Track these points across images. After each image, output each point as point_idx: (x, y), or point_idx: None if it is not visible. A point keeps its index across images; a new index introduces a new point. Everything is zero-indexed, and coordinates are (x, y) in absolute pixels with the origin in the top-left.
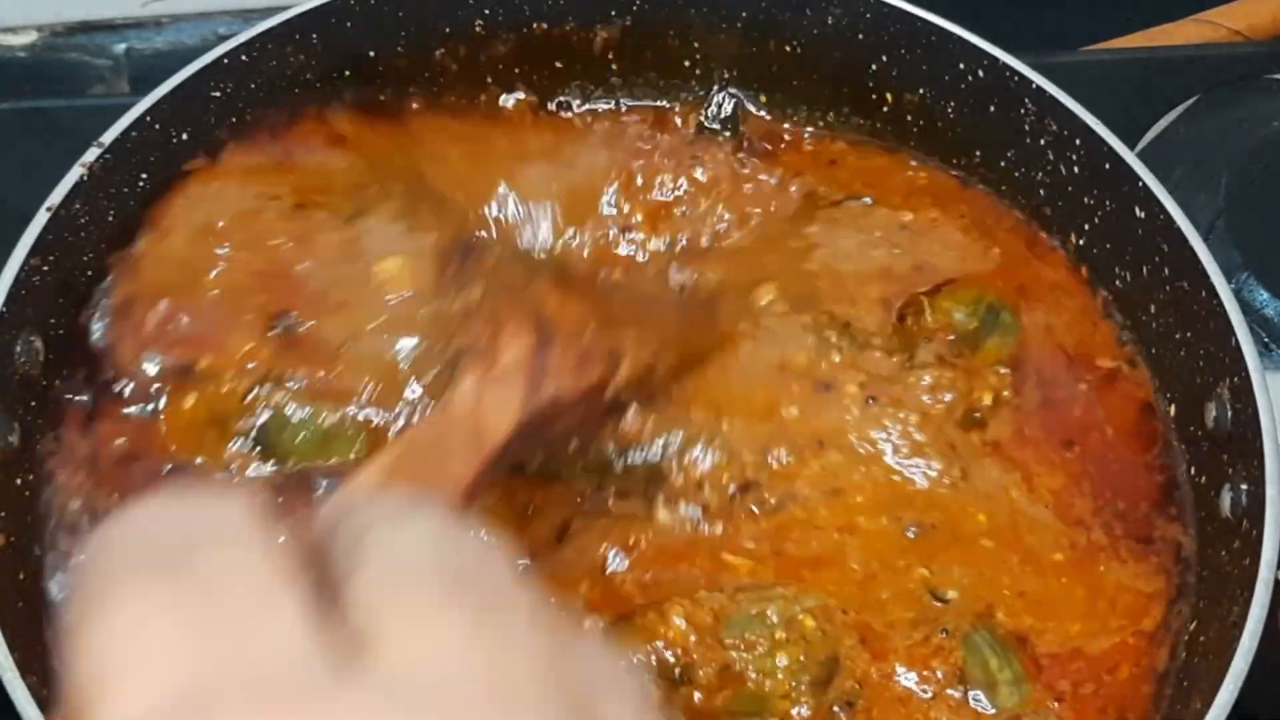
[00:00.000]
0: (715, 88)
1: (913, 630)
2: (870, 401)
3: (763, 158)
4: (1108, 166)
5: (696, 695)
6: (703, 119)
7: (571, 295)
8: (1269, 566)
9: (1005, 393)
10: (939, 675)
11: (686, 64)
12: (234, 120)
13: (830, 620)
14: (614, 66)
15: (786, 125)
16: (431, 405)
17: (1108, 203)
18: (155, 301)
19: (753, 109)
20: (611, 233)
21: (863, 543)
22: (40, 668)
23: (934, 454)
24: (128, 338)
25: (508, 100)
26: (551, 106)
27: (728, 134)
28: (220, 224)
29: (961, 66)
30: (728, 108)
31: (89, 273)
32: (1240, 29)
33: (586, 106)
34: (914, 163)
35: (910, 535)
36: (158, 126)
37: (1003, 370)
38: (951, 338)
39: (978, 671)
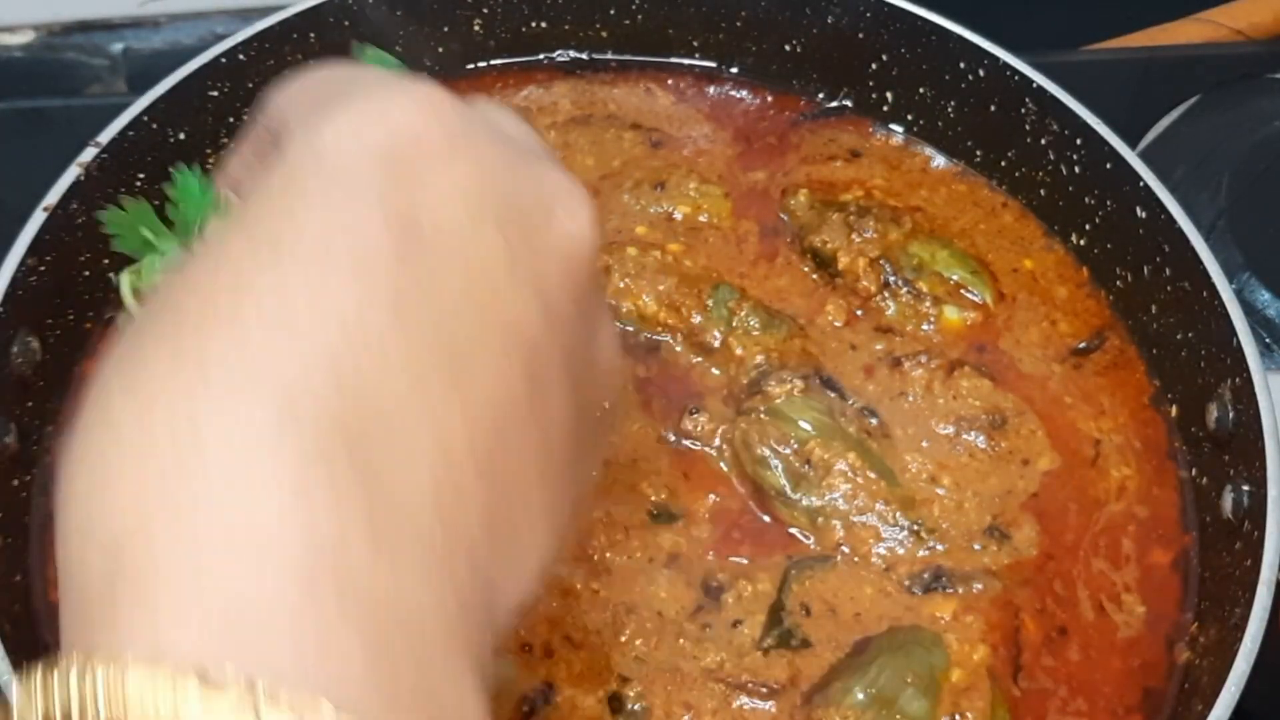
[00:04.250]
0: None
1: None
2: None
3: None
4: (1109, 166)
5: None
6: None
7: None
8: (1270, 568)
9: None
10: None
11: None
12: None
13: None
14: (613, 64)
15: None
16: None
17: (1109, 202)
18: None
19: None
20: None
21: None
22: None
23: None
24: None
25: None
26: None
27: None
28: None
29: (962, 65)
30: None
31: (85, 273)
32: (1241, 28)
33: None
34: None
35: None
36: (155, 126)
37: None
38: None
39: None
